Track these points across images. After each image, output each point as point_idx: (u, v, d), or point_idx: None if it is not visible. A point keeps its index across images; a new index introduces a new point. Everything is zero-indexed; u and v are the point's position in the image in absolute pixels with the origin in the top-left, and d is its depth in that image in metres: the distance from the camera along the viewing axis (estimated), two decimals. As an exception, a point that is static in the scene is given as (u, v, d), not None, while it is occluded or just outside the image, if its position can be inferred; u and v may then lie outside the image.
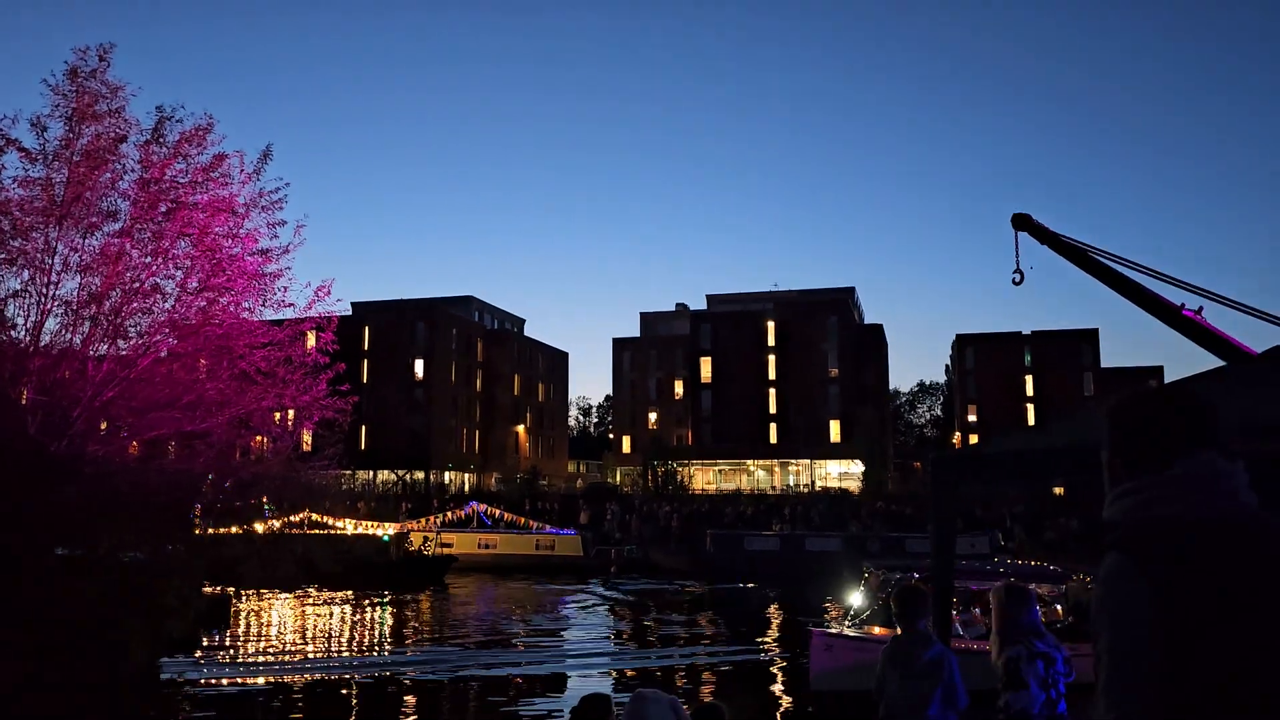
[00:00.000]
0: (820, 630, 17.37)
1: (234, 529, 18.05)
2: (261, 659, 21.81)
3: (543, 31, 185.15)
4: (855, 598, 19.07)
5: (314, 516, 40.51)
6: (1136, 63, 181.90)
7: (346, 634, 26.64)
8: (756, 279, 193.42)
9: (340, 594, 33.88)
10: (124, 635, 12.56)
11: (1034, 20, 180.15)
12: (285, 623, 28.59)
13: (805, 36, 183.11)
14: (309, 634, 26.47)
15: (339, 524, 40.94)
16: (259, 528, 18.93)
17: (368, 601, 33.08)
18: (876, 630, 17.22)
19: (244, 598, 32.48)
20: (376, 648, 23.92)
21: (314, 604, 32.35)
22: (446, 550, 42.52)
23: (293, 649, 23.39)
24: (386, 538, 40.12)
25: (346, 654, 22.88)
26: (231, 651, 22.80)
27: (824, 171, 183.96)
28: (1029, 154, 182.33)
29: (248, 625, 27.51)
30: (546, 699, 17.87)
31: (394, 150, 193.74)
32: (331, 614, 30.59)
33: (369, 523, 42.17)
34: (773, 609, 31.67)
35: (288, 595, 33.40)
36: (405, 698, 17.86)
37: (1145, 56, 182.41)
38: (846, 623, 18.21)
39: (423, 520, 45.77)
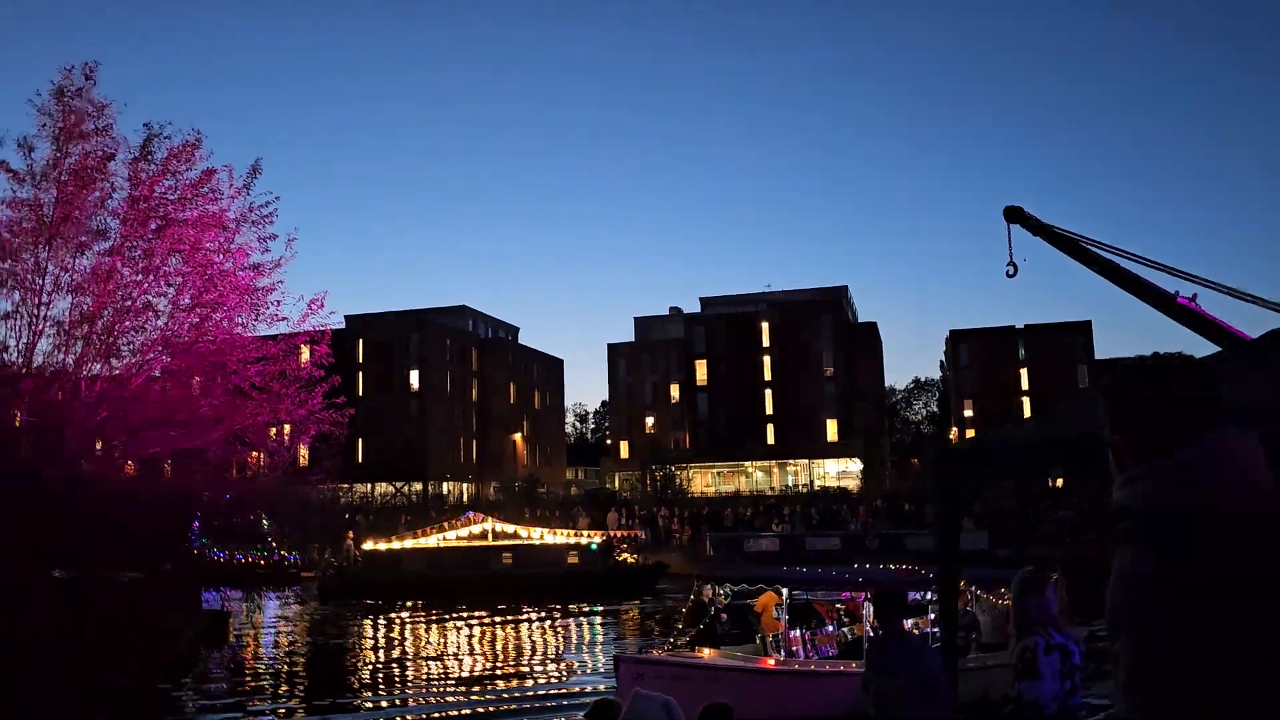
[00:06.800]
0: (630, 657, 14.94)
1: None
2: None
3: (531, 40, 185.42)
4: (695, 614, 16.39)
5: (500, 527, 40.00)
6: (1126, 54, 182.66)
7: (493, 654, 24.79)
8: (749, 280, 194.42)
9: (551, 607, 32.30)
10: (121, 657, 12.48)
11: (1023, 14, 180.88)
12: (445, 645, 26.60)
13: (794, 36, 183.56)
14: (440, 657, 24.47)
15: (529, 533, 40.44)
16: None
17: (575, 613, 31.48)
18: (707, 653, 14.81)
19: (446, 618, 30.79)
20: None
21: (507, 620, 30.50)
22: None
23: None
24: (594, 546, 39.17)
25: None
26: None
27: (813, 171, 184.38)
28: (1019, 147, 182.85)
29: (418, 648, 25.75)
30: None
31: (384, 162, 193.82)
32: (502, 632, 28.36)
33: (565, 531, 41.31)
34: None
35: (484, 613, 31.55)
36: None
37: (1134, 48, 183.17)
38: (666, 645, 15.81)
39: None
